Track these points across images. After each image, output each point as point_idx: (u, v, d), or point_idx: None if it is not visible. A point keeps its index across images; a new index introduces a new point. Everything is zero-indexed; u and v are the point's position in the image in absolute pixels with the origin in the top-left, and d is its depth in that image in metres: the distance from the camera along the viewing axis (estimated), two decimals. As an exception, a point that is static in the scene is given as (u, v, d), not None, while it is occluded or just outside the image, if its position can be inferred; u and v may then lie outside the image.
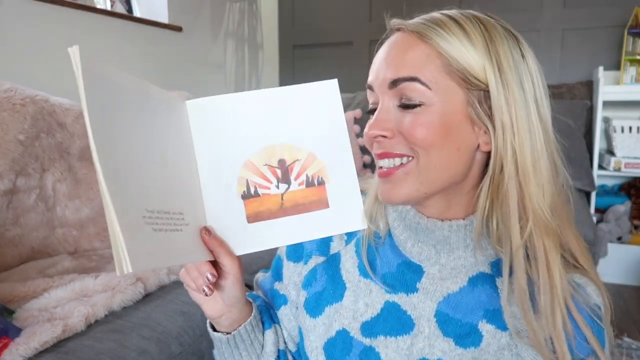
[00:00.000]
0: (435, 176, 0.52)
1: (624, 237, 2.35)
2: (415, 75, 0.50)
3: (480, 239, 0.55)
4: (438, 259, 0.57)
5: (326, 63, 3.17)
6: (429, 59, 0.51)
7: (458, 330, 0.55)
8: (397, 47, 0.53)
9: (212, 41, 2.66)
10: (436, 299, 0.57)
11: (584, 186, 2.27)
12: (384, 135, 0.53)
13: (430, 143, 0.51)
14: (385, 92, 0.53)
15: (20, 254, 1.27)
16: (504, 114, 0.50)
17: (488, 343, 0.54)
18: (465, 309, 0.56)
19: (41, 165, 1.35)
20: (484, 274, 0.57)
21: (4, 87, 1.29)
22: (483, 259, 0.56)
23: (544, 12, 2.65)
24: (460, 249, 0.56)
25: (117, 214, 0.38)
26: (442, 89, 0.50)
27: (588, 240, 1.71)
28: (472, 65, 0.50)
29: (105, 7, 2.14)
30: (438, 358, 0.55)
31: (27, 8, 1.65)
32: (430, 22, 0.52)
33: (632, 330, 1.90)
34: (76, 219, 1.42)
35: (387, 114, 0.53)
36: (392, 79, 0.52)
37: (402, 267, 0.59)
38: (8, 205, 1.25)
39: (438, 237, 0.56)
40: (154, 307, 1.07)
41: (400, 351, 0.57)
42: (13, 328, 0.88)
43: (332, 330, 0.61)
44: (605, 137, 2.57)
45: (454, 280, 0.57)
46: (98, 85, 0.41)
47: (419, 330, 0.57)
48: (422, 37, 0.51)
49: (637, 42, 2.39)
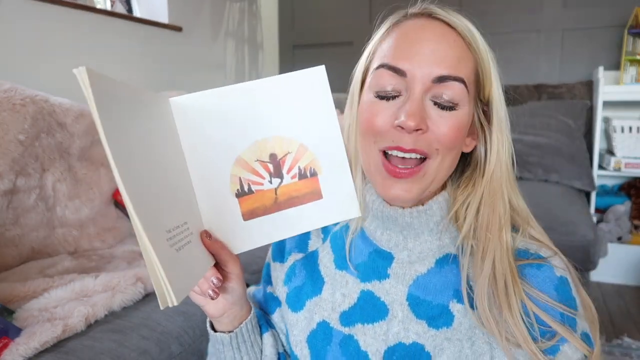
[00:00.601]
0: (440, 178, 0.55)
1: (624, 237, 2.35)
2: (462, 77, 0.52)
3: (444, 221, 0.58)
4: (406, 245, 0.59)
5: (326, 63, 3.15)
6: (468, 62, 0.53)
7: (430, 311, 0.56)
8: (441, 39, 0.52)
9: (212, 41, 2.66)
10: (406, 282, 0.58)
11: (584, 186, 2.27)
12: (420, 129, 0.51)
13: (453, 146, 0.54)
14: (423, 84, 0.52)
15: (20, 254, 1.27)
16: (502, 123, 0.56)
17: (460, 322, 0.55)
18: (435, 290, 0.57)
19: (41, 165, 1.35)
20: (450, 255, 0.58)
21: (4, 87, 1.29)
22: (449, 241, 0.59)
23: (544, 12, 2.65)
24: (425, 233, 0.58)
25: (154, 247, 0.38)
26: (471, 95, 0.54)
27: (588, 240, 1.71)
28: (487, 77, 0.55)
29: (105, 7, 2.13)
30: (413, 341, 0.56)
31: (27, 8, 1.65)
32: (469, 29, 0.54)
33: (632, 330, 1.90)
34: (76, 219, 1.42)
35: (421, 107, 0.51)
36: (440, 75, 0.51)
37: (373, 255, 0.61)
38: (8, 205, 1.25)
39: (402, 223, 0.58)
40: (154, 307, 1.07)
41: (377, 337, 0.58)
42: (13, 328, 0.88)
43: (314, 322, 0.62)
44: (605, 137, 2.57)
45: (422, 263, 0.58)
46: (108, 104, 0.39)
47: (393, 315, 0.58)
48: (469, 45, 0.54)
49: (637, 42, 2.39)
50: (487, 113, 0.57)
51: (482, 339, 0.54)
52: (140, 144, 0.43)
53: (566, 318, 0.53)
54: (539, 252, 0.56)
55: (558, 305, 0.53)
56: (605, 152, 2.52)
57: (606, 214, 2.41)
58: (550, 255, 0.56)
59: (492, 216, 0.55)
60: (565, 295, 0.54)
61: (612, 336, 1.84)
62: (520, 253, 0.56)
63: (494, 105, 0.55)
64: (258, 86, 0.53)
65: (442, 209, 0.58)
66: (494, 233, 0.54)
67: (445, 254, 0.58)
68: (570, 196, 2.10)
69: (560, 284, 0.54)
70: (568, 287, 0.55)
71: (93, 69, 0.37)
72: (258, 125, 0.53)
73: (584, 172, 2.29)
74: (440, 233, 0.58)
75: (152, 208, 0.41)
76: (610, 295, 2.24)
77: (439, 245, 0.58)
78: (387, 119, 0.53)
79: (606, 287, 2.33)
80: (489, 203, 0.55)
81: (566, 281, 0.55)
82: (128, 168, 0.39)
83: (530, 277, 0.55)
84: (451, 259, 0.58)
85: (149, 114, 0.46)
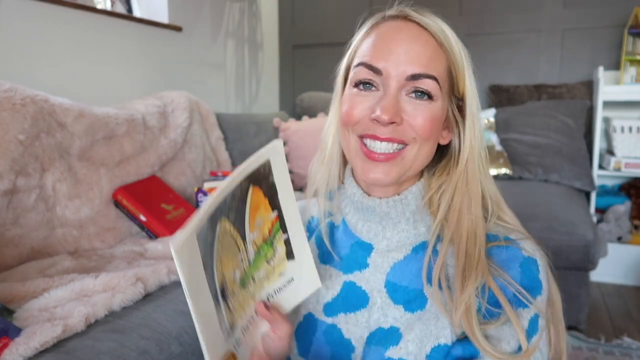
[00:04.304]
0: (418, 165, 0.59)
1: (624, 237, 2.36)
2: (435, 75, 0.56)
3: (421, 210, 0.62)
4: (385, 234, 0.63)
5: (326, 63, 3.16)
6: (441, 61, 0.57)
7: (406, 296, 0.60)
8: (414, 40, 0.57)
9: (212, 41, 2.66)
10: (384, 270, 0.62)
11: (584, 186, 2.27)
12: (393, 122, 0.56)
13: (429, 136, 0.57)
14: (398, 82, 0.56)
15: (20, 254, 1.27)
16: (475, 116, 0.60)
17: (431, 304, 0.58)
18: (410, 275, 0.61)
19: (41, 165, 1.35)
20: (426, 242, 0.62)
21: (4, 87, 1.29)
22: (424, 229, 0.62)
23: (544, 12, 2.65)
24: (402, 222, 0.62)
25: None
26: (444, 92, 0.58)
27: (588, 240, 1.71)
28: (459, 74, 0.59)
29: (105, 7, 2.13)
30: (391, 325, 0.59)
31: (26, 8, 1.65)
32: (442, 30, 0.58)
33: (632, 330, 1.90)
34: (76, 219, 1.42)
35: (396, 101, 0.56)
36: (413, 74, 0.56)
37: (355, 247, 0.65)
38: (8, 205, 1.25)
39: (380, 213, 0.62)
40: (154, 307, 1.07)
41: (359, 325, 0.62)
42: (13, 328, 0.88)
43: (300, 315, 0.67)
44: (605, 137, 2.57)
45: (399, 251, 0.62)
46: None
47: (372, 302, 0.62)
48: (440, 44, 0.57)
49: (637, 42, 2.39)
50: (461, 107, 0.61)
51: (446, 313, 0.57)
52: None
53: (517, 300, 0.55)
54: (509, 235, 0.60)
55: (515, 285, 0.55)
56: (605, 152, 2.52)
57: (606, 214, 2.41)
58: (521, 238, 0.59)
59: (464, 199, 0.59)
60: (530, 274, 0.56)
61: (612, 336, 1.84)
62: (490, 237, 0.60)
63: (467, 100, 0.60)
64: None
65: (417, 198, 0.62)
66: (463, 214, 0.58)
67: (422, 241, 0.62)
68: (570, 196, 2.10)
69: (526, 263, 0.57)
70: (535, 267, 0.57)
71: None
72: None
73: (584, 172, 2.29)
74: (416, 222, 0.62)
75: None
76: (610, 295, 2.24)
77: (415, 234, 0.62)
78: (365, 111, 0.58)
79: (606, 287, 2.33)
80: (463, 190, 0.60)
81: (534, 262, 0.57)
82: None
83: (495, 256, 0.58)
84: (426, 246, 0.61)
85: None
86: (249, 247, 0.54)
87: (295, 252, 0.59)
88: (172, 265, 1.24)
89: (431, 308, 0.58)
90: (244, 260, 0.54)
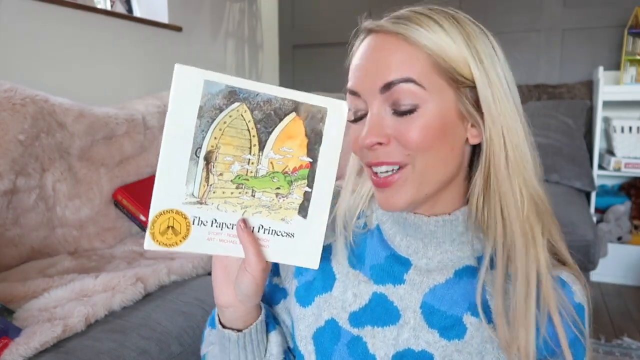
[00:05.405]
0: (432, 178, 0.53)
1: (624, 237, 2.35)
2: (409, 76, 0.50)
3: (469, 232, 0.56)
4: (425, 252, 0.58)
5: (326, 63, 3.16)
6: (417, 60, 0.50)
7: (443, 322, 0.56)
8: (379, 50, 0.52)
9: (212, 41, 2.66)
10: (422, 290, 0.58)
11: (584, 186, 2.27)
12: (380, 143, 0.51)
13: (428, 146, 0.51)
14: (375, 97, 0.52)
15: (20, 254, 1.27)
16: (492, 107, 0.51)
17: (472, 336, 0.55)
18: (450, 301, 0.56)
19: (41, 165, 1.35)
20: (470, 267, 0.57)
21: (4, 87, 1.29)
22: (470, 253, 0.58)
23: (544, 12, 2.65)
24: (447, 243, 0.57)
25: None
26: (435, 89, 0.50)
27: (588, 240, 1.71)
28: (457, 62, 0.50)
29: (105, 7, 2.14)
30: (422, 349, 0.56)
31: (26, 8, 1.65)
32: (407, 21, 0.51)
33: (632, 330, 1.90)
34: (76, 219, 1.42)
35: (380, 120, 0.51)
36: (384, 83, 0.50)
37: (390, 259, 0.60)
38: (8, 205, 1.25)
39: (425, 231, 0.57)
40: (154, 307, 1.07)
41: (386, 341, 0.58)
42: (13, 328, 0.88)
43: (322, 319, 0.62)
44: (605, 137, 2.57)
45: (441, 273, 0.58)
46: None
47: (404, 321, 0.57)
48: (405, 38, 0.50)
49: (637, 42, 2.39)
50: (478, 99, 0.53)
51: (492, 353, 0.54)
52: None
53: (576, 344, 0.52)
54: (560, 275, 0.55)
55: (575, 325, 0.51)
56: (605, 152, 2.52)
57: (606, 214, 2.41)
58: (572, 279, 0.56)
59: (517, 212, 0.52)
60: (576, 325, 0.53)
61: (612, 336, 1.84)
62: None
63: (480, 88, 0.51)
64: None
65: (468, 218, 0.56)
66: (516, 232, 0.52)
67: (465, 265, 0.57)
68: (570, 196, 2.10)
69: (578, 311, 0.54)
70: (583, 316, 0.54)
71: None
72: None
73: (584, 172, 2.29)
74: (462, 244, 0.57)
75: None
76: (610, 295, 2.24)
77: (460, 257, 0.58)
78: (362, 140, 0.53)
79: (606, 287, 2.33)
80: (509, 200, 0.52)
81: (583, 310, 0.54)
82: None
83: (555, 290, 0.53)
84: (471, 271, 0.57)
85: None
86: (263, 160, 0.49)
87: (310, 213, 0.52)
88: (172, 265, 1.24)
89: (471, 341, 0.54)
90: (251, 163, 0.49)
